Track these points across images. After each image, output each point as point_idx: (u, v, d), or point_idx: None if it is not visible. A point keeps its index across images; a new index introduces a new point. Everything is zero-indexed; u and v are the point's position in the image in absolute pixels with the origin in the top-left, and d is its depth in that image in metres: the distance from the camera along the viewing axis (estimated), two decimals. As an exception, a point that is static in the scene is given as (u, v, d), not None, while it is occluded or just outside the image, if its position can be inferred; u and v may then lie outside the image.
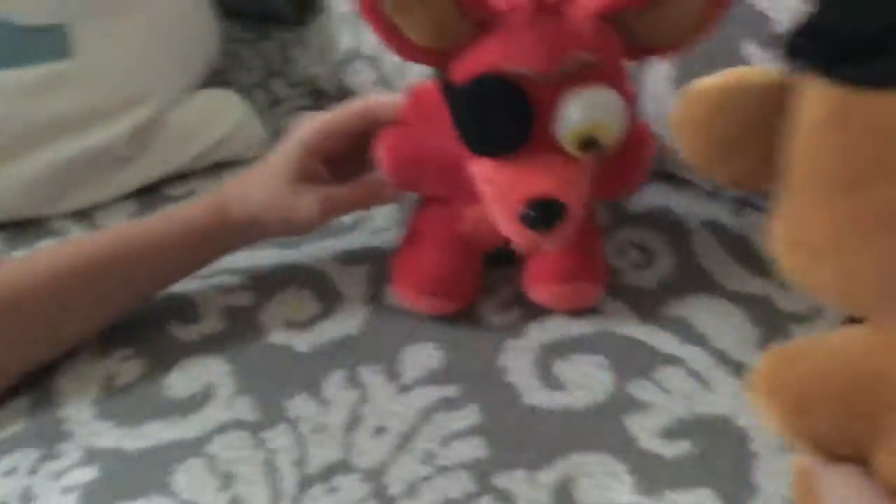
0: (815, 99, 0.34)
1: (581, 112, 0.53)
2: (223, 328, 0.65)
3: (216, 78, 0.87)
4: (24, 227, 0.76)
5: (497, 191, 0.56)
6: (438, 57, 0.56)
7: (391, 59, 0.78)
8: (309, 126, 0.63)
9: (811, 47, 0.34)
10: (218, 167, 0.81)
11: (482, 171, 0.58)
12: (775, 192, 0.37)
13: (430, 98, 0.60)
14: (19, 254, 0.74)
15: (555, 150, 0.55)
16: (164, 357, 0.63)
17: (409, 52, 0.55)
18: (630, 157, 0.63)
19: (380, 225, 0.74)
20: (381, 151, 0.62)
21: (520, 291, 0.65)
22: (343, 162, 0.65)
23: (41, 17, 0.73)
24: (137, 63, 0.77)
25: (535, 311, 0.64)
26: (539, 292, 0.64)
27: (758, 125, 0.37)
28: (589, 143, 0.54)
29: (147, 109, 0.77)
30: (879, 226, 0.33)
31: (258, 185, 0.63)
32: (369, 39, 0.81)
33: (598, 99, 0.54)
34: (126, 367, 0.62)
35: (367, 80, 0.82)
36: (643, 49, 0.57)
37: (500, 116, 0.54)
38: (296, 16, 1.00)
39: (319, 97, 0.89)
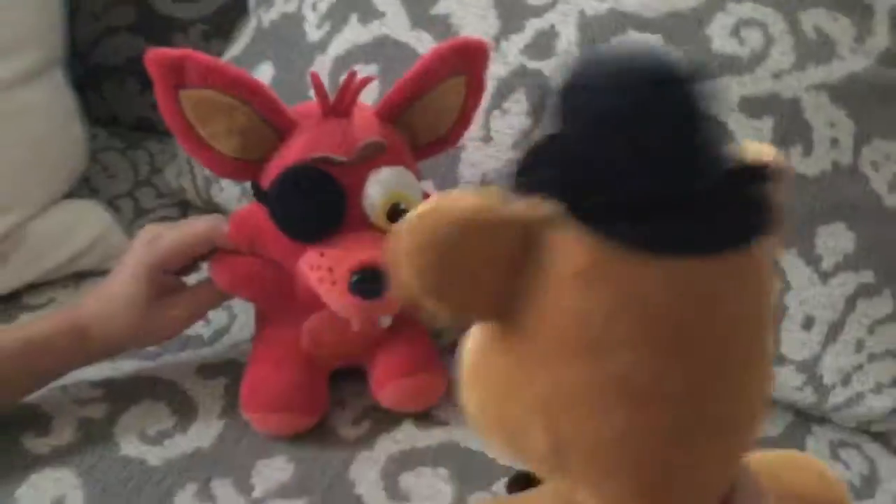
0: (572, 249, 0.32)
1: (382, 185, 0.61)
2: (76, 440, 0.65)
3: (84, 185, 0.89)
4: None
5: (324, 272, 0.60)
6: (245, 168, 0.62)
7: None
8: (154, 248, 0.65)
9: (562, 187, 0.32)
10: (78, 276, 0.82)
11: (307, 260, 0.61)
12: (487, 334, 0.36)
13: (250, 219, 0.64)
14: None
15: (369, 227, 0.61)
16: (14, 470, 0.63)
17: (218, 164, 0.62)
18: None
19: (237, 338, 0.76)
20: (216, 275, 0.65)
21: (371, 404, 0.69)
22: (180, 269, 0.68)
23: None
24: (2, 174, 0.78)
25: (386, 424, 0.68)
26: (386, 393, 0.68)
27: (494, 260, 0.33)
28: (395, 213, 0.61)
29: (8, 220, 0.78)
30: (606, 394, 0.33)
31: (117, 313, 0.64)
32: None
33: (394, 174, 0.62)
34: (-26, 481, 0.62)
35: (231, 196, 0.85)
36: (424, 147, 0.66)
37: (313, 199, 0.60)
38: (164, 126, 1.03)
39: (186, 209, 0.91)
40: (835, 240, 0.66)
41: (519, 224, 0.33)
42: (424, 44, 0.74)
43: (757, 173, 0.34)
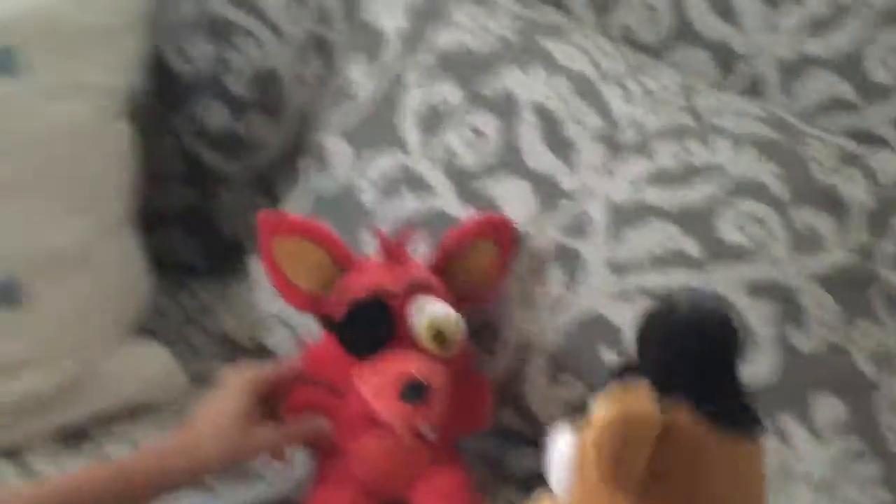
0: (690, 435, 0.48)
1: (426, 312, 0.75)
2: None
3: (137, 326, 0.97)
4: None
5: (375, 384, 0.74)
6: (314, 302, 0.79)
7: (302, 323, 0.90)
8: (248, 382, 0.75)
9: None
10: (138, 410, 0.89)
11: (362, 377, 0.75)
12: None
13: (320, 352, 0.80)
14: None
15: (413, 346, 0.75)
16: None
17: (294, 296, 0.80)
18: (474, 400, 0.82)
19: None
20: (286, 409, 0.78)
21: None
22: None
23: (-3, 271, 0.82)
24: (79, 318, 0.86)
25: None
26: None
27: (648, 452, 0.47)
28: (438, 336, 0.74)
29: (83, 359, 0.85)
30: None
31: (211, 432, 0.73)
32: (284, 305, 0.93)
33: (437, 304, 0.77)
34: None
35: (282, 339, 0.93)
36: (465, 295, 0.81)
37: (372, 324, 0.76)
38: (208, 270, 1.12)
39: (234, 349, 0.99)
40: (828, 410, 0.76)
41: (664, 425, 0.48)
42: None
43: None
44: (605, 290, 0.80)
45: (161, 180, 1.11)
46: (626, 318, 0.78)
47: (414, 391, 0.72)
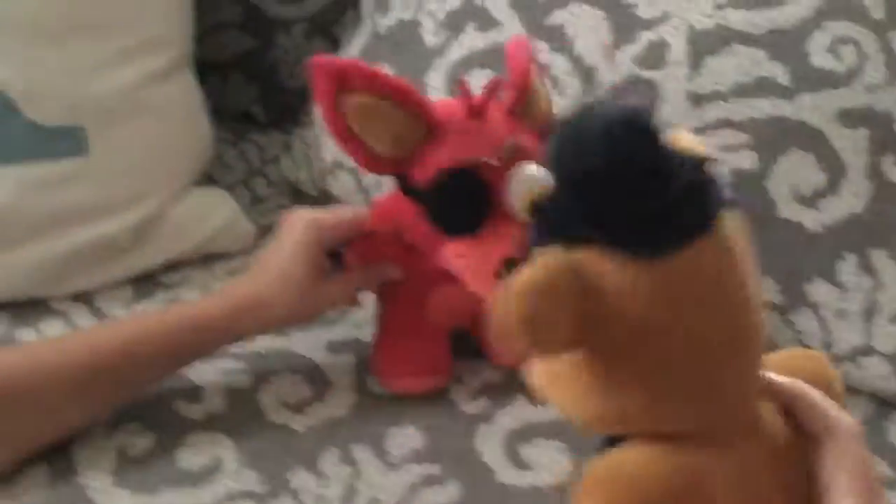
0: (610, 271, 0.42)
1: (524, 183, 0.66)
2: (225, 407, 0.72)
3: (203, 176, 0.96)
4: (26, 308, 0.82)
5: (472, 261, 0.67)
6: (395, 165, 0.69)
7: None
8: (313, 229, 0.71)
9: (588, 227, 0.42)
10: (208, 258, 0.89)
11: (454, 250, 0.68)
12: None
13: (392, 206, 0.72)
14: (22, 333, 0.80)
15: (510, 220, 0.66)
16: (172, 432, 0.70)
17: (372, 162, 0.69)
18: None
19: (359, 319, 0.83)
20: (356, 253, 0.73)
21: (486, 381, 0.75)
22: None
23: (61, 119, 0.81)
24: (143, 163, 0.85)
25: (501, 400, 0.74)
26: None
27: (569, 306, 0.42)
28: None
29: (150, 205, 0.85)
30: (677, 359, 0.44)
31: (279, 294, 0.70)
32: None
33: (534, 170, 0.66)
34: (137, 440, 0.69)
35: (347, 188, 0.92)
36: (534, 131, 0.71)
37: (465, 202, 0.67)
38: (268, 119, 1.10)
39: (299, 198, 0.98)
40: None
41: (570, 272, 0.43)
42: (541, 53, 0.80)
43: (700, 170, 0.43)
44: (685, 122, 0.75)
45: (218, 27, 1.08)
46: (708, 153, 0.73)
47: (512, 269, 0.67)
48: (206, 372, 0.75)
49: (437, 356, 0.75)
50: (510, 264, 0.66)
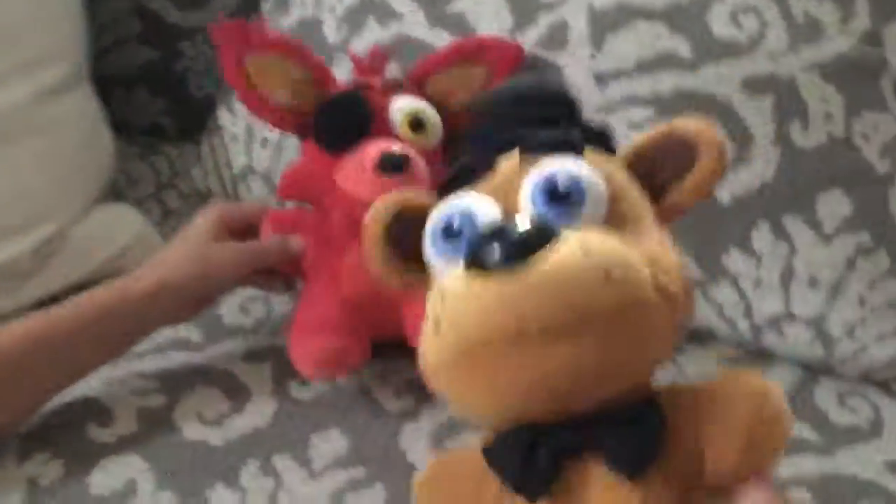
0: None
1: (406, 103, 0.72)
2: (138, 428, 0.69)
3: (110, 192, 0.93)
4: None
5: (354, 165, 0.70)
6: (295, 119, 0.74)
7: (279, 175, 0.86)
8: (215, 207, 0.73)
9: None
10: (118, 277, 0.86)
11: (343, 169, 0.70)
12: None
13: (300, 172, 0.75)
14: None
15: (393, 137, 0.71)
16: (83, 457, 0.66)
17: (275, 115, 0.75)
18: None
19: (277, 325, 0.80)
20: (268, 224, 0.75)
21: (410, 378, 0.73)
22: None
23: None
24: (41, 183, 0.82)
25: (426, 396, 0.72)
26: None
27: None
28: (415, 123, 0.71)
29: (51, 226, 0.82)
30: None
31: (172, 251, 0.70)
32: (260, 157, 0.89)
33: (415, 99, 0.73)
34: (47, 469, 0.66)
35: (260, 193, 0.89)
36: (448, 118, 0.75)
37: (346, 111, 0.72)
38: (177, 131, 1.07)
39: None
40: (834, 206, 0.71)
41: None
42: (443, 41, 0.79)
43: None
44: (590, 102, 0.74)
45: (119, 42, 1.05)
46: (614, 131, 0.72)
47: (391, 162, 0.68)
48: (117, 393, 0.72)
49: (349, 325, 0.71)
50: (388, 156, 0.68)
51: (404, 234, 0.51)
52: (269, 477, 0.65)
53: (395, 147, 0.69)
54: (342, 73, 0.82)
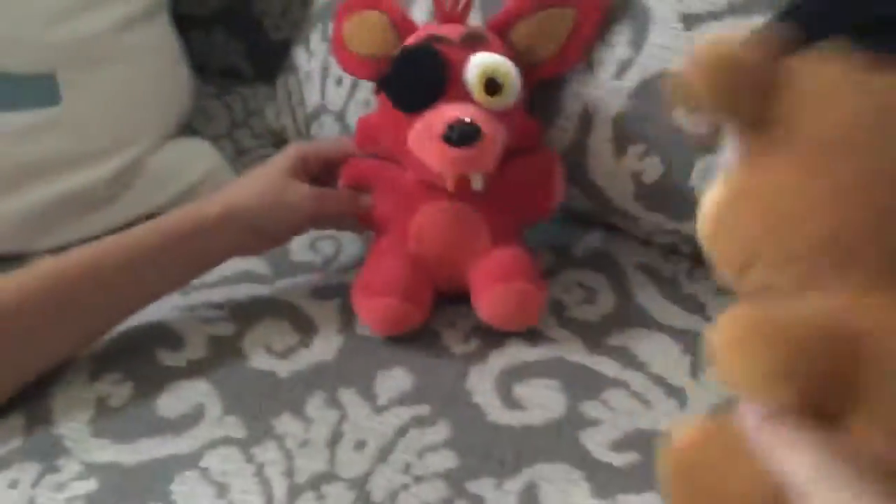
0: (822, 70, 0.37)
1: (481, 61, 0.68)
2: (208, 355, 0.70)
3: (185, 129, 0.93)
4: (2, 264, 0.80)
5: (423, 130, 0.67)
6: (373, 68, 0.74)
7: (354, 114, 0.85)
8: (295, 147, 0.73)
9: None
10: (190, 207, 0.87)
11: (413, 132, 0.68)
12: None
13: (371, 121, 0.75)
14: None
15: (468, 101, 0.68)
16: (153, 380, 0.67)
17: (351, 62, 0.76)
18: (541, 178, 0.75)
19: (345, 264, 0.80)
20: (344, 176, 0.75)
21: (478, 324, 0.73)
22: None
23: (32, 67, 0.78)
24: (119, 111, 0.83)
25: (494, 341, 0.72)
26: (484, 302, 0.70)
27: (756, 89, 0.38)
28: (491, 85, 0.68)
29: (128, 155, 0.83)
30: (855, 191, 0.36)
31: (248, 179, 0.71)
32: (334, 96, 0.88)
33: (492, 56, 0.69)
34: (117, 389, 0.67)
35: (332, 132, 0.89)
36: (529, 67, 0.72)
37: (420, 70, 0.69)
38: (254, 73, 1.07)
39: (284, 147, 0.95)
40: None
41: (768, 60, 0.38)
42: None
43: None
44: (676, 45, 0.72)
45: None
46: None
47: (460, 133, 0.65)
48: (188, 320, 0.73)
49: (417, 288, 0.71)
50: (457, 125, 0.65)
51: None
52: (334, 410, 0.65)
53: (468, 114, 0.66)
54: (421, 14, 0.81)
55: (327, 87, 0.88)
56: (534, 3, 0.73)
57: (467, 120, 0.66)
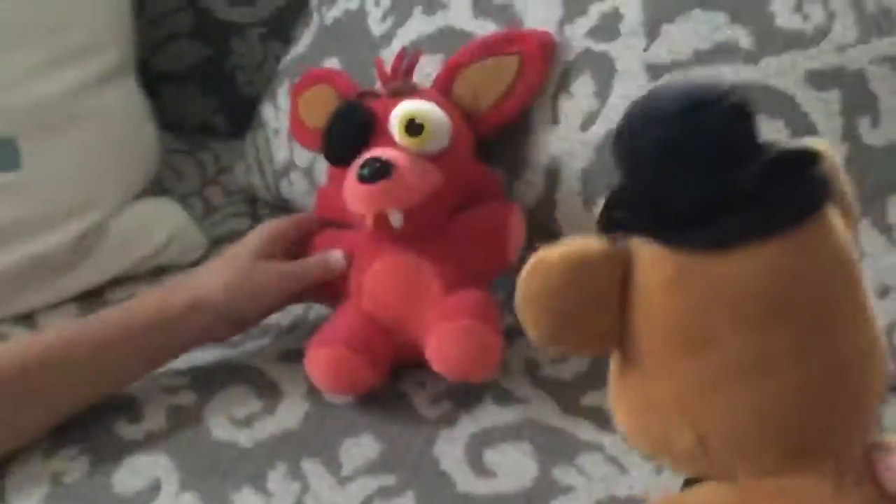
0: (653, 265, 0.38)
1: (402, 106, 0.69)
2: (167, 426, 0.68)
3: (154, 186, 0.92)
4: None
5: (348, 178, 0.68)
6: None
7: (321, 170, 0.84)
8: (264, 226, 0.72)
9: (636, 218, 0.38)
10: (158, 271, 0.85)
11: (345, 183, 0.69)
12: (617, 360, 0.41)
13: (327, 190, 0.76)
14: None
15: (392, 145, 0.69)
16: (110, 454, 0.65)
17: (301, 133, 0.82)
18: (494, 228, 0.72)
19: (315, 326, 0.78)
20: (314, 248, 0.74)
21: (449, 385, 0.70)
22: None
23: (-10, 131, 0.77)
24: (81, 174, 0.81)
25: (465, 403, 0.69)
26: (431, 346, 0.67)
27: (600, 296, 0.39)
28: (412, 127, 0.68)
29: (91, 218, 0.81)
30: (729, 378, 0.37)
31: (215, 265, 0.69)
32: (301, 152, 0.87)
33: (414, 101, 0.70)
34: (73, 465, 0.65)
35: (300, 189, 0.87)
36: (477, 118, 0.73)
37: (346, 124, 0.71)
38: (228, 128, 1.06)
39: (255, 204, 0.94)
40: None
41: (609, 259, 0.39)
42: (488, 32, 0.76)
43: (798, 159, 0.38)
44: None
45: (171, 38, 1.05)
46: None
47: (371, 170, 0.66)
48: (149, 389, 0.71)
49: (366, 342, 0.68)
50: (368, 163, 0.66)
51: None
52: (297, 481, 0.63)
53: (385, 154, 0.67)
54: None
55: (295, 143, 0.87)
56: (475, 53, 0.74)
57: (382, 157, 0.67)
